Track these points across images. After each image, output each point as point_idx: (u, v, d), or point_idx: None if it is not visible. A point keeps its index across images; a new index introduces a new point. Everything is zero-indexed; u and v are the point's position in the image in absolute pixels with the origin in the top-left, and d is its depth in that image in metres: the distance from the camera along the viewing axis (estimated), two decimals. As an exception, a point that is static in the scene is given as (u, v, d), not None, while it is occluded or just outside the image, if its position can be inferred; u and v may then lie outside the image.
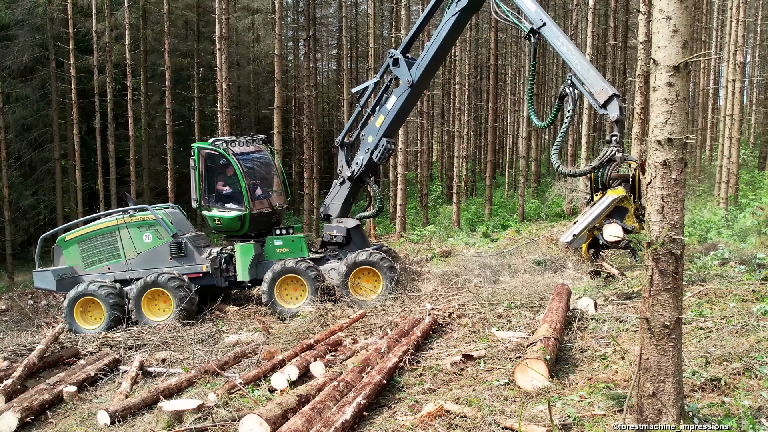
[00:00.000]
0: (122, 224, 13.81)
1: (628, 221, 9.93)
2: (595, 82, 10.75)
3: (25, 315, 15.49)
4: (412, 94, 13.37)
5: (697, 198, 25.61)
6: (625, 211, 10.00)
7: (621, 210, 9.98)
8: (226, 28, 22.89)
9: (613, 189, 10.18)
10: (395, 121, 13.55)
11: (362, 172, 13.83)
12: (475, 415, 5.77)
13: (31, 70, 30.40)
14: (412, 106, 14.07)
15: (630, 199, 10.07)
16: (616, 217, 9.90)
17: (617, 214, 9.97)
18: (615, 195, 9.92)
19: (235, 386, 7.55)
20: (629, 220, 9.95)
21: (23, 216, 29.69)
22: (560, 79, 43.88)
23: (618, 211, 9.98)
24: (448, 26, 12.75)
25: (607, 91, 10.59)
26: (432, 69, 13.51)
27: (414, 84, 13.15)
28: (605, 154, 10.57)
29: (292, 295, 13.10)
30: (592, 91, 10.76)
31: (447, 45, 13.24)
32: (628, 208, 10.03)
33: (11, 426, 7.34)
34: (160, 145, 30.98)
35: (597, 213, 9.80)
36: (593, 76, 10.80)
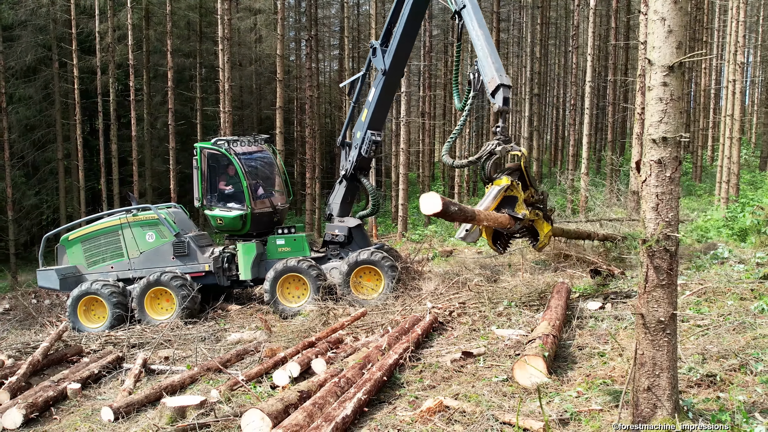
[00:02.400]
0: (125, 223, 13.90)
1: (518, 209, 10.01)
2: (488, 70, 10.92)
3: (29, 314, 15.59)
4: (386, 83, 13.47)
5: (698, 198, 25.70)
6: (515, 200, 10.11)
7: (511, 199, 10.09)
8: (228, 28, 22.97)
9: (497, 179, 10.28)
10: (377, 113, 13.61)
11: (355, 169, 13.95)
12: (473, 410, 5.85)
13: (34, 71, 30.54)
14: (390, 94, 14.04)
15: (518, 188, 10.15)
16: (507, 207, 9.99)
17: (508, 204, 10.07)
18: (499, 185, 10.02)
19: (237, 383, 7.63)
20: (519, 208, 10.04)
21: (26, 216, 29.83)
22: (562, 80, 44.02)
23: (508, 201, 10.08)
24: (407, 10, 12.89)
25: (495, 81, 10.75)
26: (400, 55, 13.49)
27: (387, 72, 13.28)
28: (485, 148, 10.79)
29: (294, 294, 13.18)
30: (484, 79, 10.93)
31: (410, 29, 13.26)
32: (518, 197, 10.12)
33: (16, 422, 7.44)
34: (162, 146, 31.10)
35: (485, 205, 9.89)
36: (488, 63, 10.96)
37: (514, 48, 42.00)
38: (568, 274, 12.85)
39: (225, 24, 22.81)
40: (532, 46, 30.26)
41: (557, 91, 45.76)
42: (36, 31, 29.71)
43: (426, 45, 31.69)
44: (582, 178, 23.55)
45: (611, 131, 31.97)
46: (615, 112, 31.80)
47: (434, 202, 6.80)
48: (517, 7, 39.04)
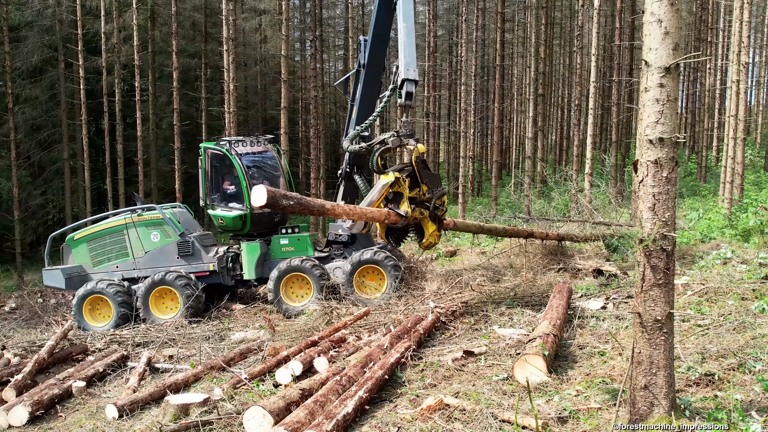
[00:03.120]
0: (130, 223, 13.99)
1: (402, 206, 10.01)
2: (402, 62, 11.02)
3: (35, 313, 15.71)
4: (366, 77, 13.57)
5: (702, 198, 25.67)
6: (401, 197, 10.11)
7: (398, 195, 10.10)
8: (233, 29, 23.06)
9: (385, 174, 10.30)
10: (362, 109, 13.68)
11: (351, 167, 14.03)
12: (473, 408, 5.91)
13: (40, 71, 30.67)
14: (372, 89, 13.99)
15: (405, 184, 10.13)
16: (394, 203, 10.00)
17: (395, 199, 10.09)
18: (385, 180, 10.04)
19: (240, 381, 7.70)
20: (404, 205, 10.03)
21: (32, 216, 29.97)
22: (567, 81, 43.99)
23: (396, 196, 10.10)
24: (376, 3, 12.98)
25: (402, 74, 10.82)
26: (376, 50, 13.55)
27: (365, 66, 13.36)
28: (379, 137, 10.85)
29: (297, 294, 13.24)
30: (399, 70, 11.01)
31: (381, 24, 13.30)
32: (403, 194, 10.12)
33: (22, 419, 7.52)
34: (168, 146, 31.21)
35: (370, 199, 9.92)
36: (402, 56, 11.05)
37: (518, 48, 42.01)
38: (570, 274, 12.91)
39: (230, 24, 22.88)
40: (536, 46, 30.20)
41: (562, 92, 45.73)
42: (42, 31, 29.85)
43: (430, 45, 31.76)
44: (586, 178, 23.56)
45: (616, 131, 31.90)
46: (619, 113, 31.74)
47: (260, 194, 6.86)
48: (522, 8, 39.07)
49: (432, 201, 10.48)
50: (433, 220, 10.58)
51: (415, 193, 10.35)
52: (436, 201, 10.59)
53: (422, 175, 10.47)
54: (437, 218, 10.69)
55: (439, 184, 11.00)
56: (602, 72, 37.77)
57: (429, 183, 10.60)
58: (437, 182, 10.96)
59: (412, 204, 10.19)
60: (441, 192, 10.80)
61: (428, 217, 10.48)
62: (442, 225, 10.94)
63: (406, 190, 10.07)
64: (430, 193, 10.55)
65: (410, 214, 9.97)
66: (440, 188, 10.90)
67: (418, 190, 10.41)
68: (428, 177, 10.67)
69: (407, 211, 9.89)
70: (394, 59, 14.03)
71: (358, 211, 8.74)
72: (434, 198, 10.52)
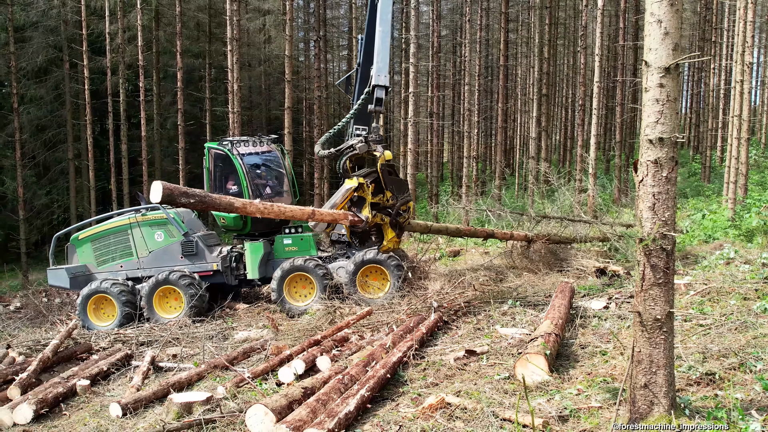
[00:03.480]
0: (134, 223, 14.05)
1: (364, 211, 10.07)
2: (374, 67, 11.02)
3: (40, 312, 15.78)
4: (362, 76, 13.54)
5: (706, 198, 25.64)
6: (363, 201, 10.19)
7: (361, 199, 10.18)
8: (237, 29, 23.12)
9: (349, 179, 10.36)
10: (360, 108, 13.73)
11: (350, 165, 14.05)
12: (474, 407, 5.93)
13: (45, 71, 30.80)
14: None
15: (368, 190, 10.19)
16: (357, 207, 10.10)
17: (359, 203, 10.18)
18: (348, 185, 10.12)
19: (243, 380, 7.74)
20: (365, 209, 10.10)
21: (37, 215, 30.09)
22: (571, 81, 43.97)
23: (360, 200, 10.18)
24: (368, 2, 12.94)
25: (373, 80, 10.86)
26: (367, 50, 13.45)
27: (360, 65, 13.37)
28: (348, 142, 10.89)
29: (300, 293, 13.29)
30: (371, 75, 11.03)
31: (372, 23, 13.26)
32: (366, 199, 10.18)
33: (27, 417, 7.57)
34: (172, 146, 31.29)
35: (333, 201, 10.01)
36: (376, 61, 11.06)
37: (522, 48, 42.01)
38: (573, 274, 12.91)
39: (234, 25, 22.94)
40: (540, 46, 30.21)
41: (566, 92, 45.70)
42: (47, 32, 29.95)
43: (434, 45, 31.77)
44: (590, 178, 23.55)
45: (620, 131, 31.91)
46: (623, 113, 31.76)
47: (157, 189, 6.88)
48: (526, 8, 39.06)
49: (395, 207, 10.56)
50: (393, 226, 10.67)
51: (378, 199, 10.45)
52: (400, 207, 10.67)
53: (387, 181, 10.56)
54: (398, 224, 10.78)
55: (405, 190, 11.09)
56: (606, 72, 37.74)
57: (394, 189, 10.70)
58: (403, 189, 11.04)
59: (374, 209, 10.29)
60: (405, 199, 10.87)
61: (389, 223, 10.55)
62: (402, 231, 11.03)
63: (369, 196, 10.17)
64: (394, 200, 10.63)
65: (371, 219, 10.06)
66: (406, 195, 10.97)
67: (382, 196, 10.49)
68: (394, 183, 10.75)
69: (368, 216, 9.98)
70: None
71: (276, 210, 8.73)
72: (398, 204, 10.60)
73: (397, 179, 10.86)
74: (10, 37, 26.20)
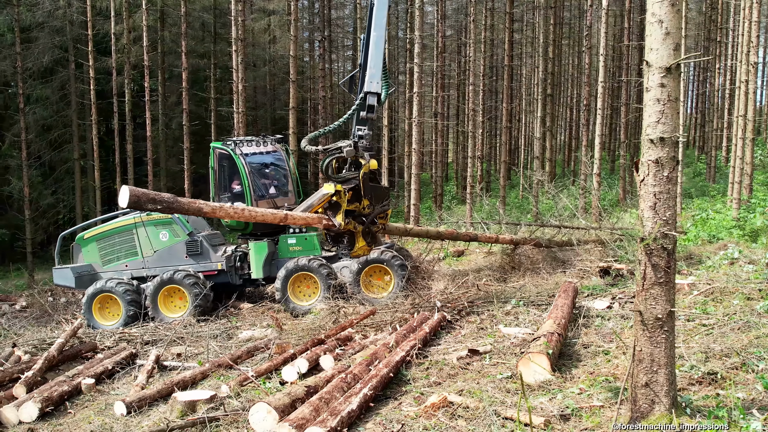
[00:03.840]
0: (139, 223, 14.10)
1: (338, 217, 10.09)
2: (367, 73, 10.94)
3: (45, 311, 15.85)
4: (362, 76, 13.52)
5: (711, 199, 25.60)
6: (338, 207, 10.19)
7: (336, 205, 10.18)
8: (242, 29, 23.19)
9: (327, 184, 10.36)
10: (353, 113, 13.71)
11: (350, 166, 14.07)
12: (477, 406, 5.96)
13: (51, 72, 30.92)
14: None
15: (344, 197, 10.18)
16: (332, 211, 10.13)
17: (333, 209, 10.19)
18: (325, 191, 10.14)
19: (247, 378, 7.77)
20: (339, 216, 10.11)
21: (43, 215, 30.21)
22: (576, 81, 43.91)
23: (334, 206, 10.18)
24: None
25: (365, 86, 10.80)
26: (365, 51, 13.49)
27: (361, 65, 13.32)
28: (337, 144, 10.85)
29: (305, 293, 13.31)
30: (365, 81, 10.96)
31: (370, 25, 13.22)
32: (341, 205, 10.17)
33: (32, 415, 7.62)
34: (177, 146, 31.38)
35: (309, 203, 10.07)
36: (369, 67, 10.97)
37: (527, 48, 41.97)
38: (577, 274, 12.92)
39: (239, 25, 23.02)
40: (545, 46, 30.21)
41: (571, 92, 45.66)
42: (53, 32, 30.08)
43: (439, 45, 31.79)
44: (594, 178, 23.55)
45: (625, 132, 31.88)
46: (628, 113, 31.72)
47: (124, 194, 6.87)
48: (531, 8, 39.03)
49: (370, 216, 10.54)
50: (365, 235, 10.66)
51: (354, 207, 10.44)
52: (376, 216, 10.66)
53: (366, 189, 10.55)
54: (370, 233, 10.76)
55: (385, 199, 11.06)
56: (611, 72, 37.68)
57: (373, 198, 10.67)
58: (383, 197, 11.01)
59: (348, 217, 10.30)
60: (383, 209, 10.85)
61: (360, 231, 10.55)
62: (374, 240, 11.02)
63: (345, 203, 10.19)
64: (371, 208, 10.61)
65: (343, 226, 10.08)
66: (384, 204, 10.94)
67: (359, 204, 10.47)
68: (374, 192, 10.72)
69: (340, 223, 9.99)
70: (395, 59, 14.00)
71: (246, 214, 8.75)
72: (374, 213, 10.59)
73: (377, 187, 10.84)
74: (17, 38, 26.34)
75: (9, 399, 8.21)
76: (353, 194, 10.33)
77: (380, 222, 10.81)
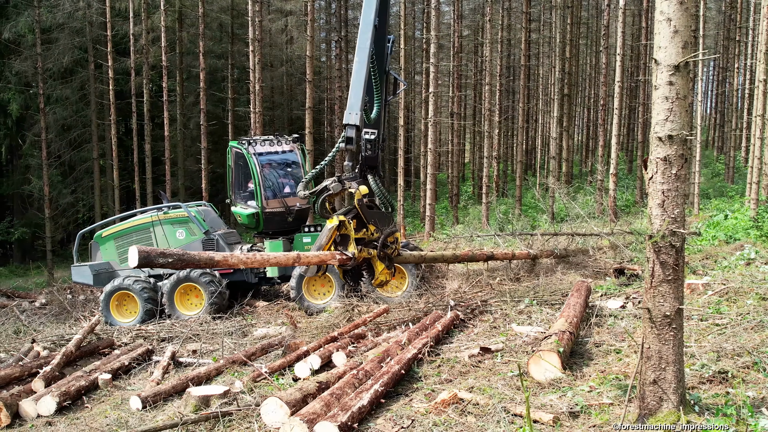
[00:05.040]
0: (156, 221, 14.26)
1: (350, 248, 9.99)
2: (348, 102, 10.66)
3: (64, 308, 16.07)
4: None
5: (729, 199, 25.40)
6: (348, 238, 10.08)
7: (345, 237, 10.08)
8: (259, 30, 23.33)
9: (330, 218, 10.26)
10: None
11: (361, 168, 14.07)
12: (486, 402, 5.99)
13: (71, 72, 31.30)
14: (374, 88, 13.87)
15: (350, 226, 10.05)
16: (342, 245, 10.01)
17: (343, 242, 10.09)
18: (330, 225, 10.03)
19: (260, 375, 7.85)
20: (351, 246, 10.00)
21: (62, 214, 30.60)
22: (593, 81, 43.72)
23: (344, 238, 10.09)
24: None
25: (344, 118, 10.60)
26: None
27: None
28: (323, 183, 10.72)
29: (319, 291, 13.40)
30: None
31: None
32: (350, 235, 10.06)
33: (50, 409, 7.75)
34: (195, 145, 31.66)
35: (319, 243, 9.98)
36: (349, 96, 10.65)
37: (544, 48, 41.87)
38: (592, 274, 12.90)
39: (256, 26, 23.16)
40: (562, 46, 30.12)
41: (589, 92, 45.49)
42: (73, 33, 30.44)
43: (455, 45, 31.79)
44: (611, 178, 23.45)
45: (642, 131, 31.74)
46: (645, 112, 31.56)
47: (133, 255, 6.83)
48: (548, 8, 38.93)
49: (380, 240, 10.46)
50: (382, 259, 10.58)
51: (363, 234, 10.35)
52: (386, 239, 10.59)
53: (367, 215, 10.44)
54: (387, 256, 10.67)
55: (390, 222, 10.92)
56: (629, 72, 37.50)
57: (377, 222, 10.56)
58: (388, 221, 10.88)
59: (360, 245, 10.23)
60: (391, 230, 10.72)
61: (376, 256, 10.49)
62: (392, 263, 10.92)
63: (352, 232, 10.10)
64: (379, 232, 10.53)
65: (357, 254, 10.01)
66: (391, 226, 10.81)
67: (366, 230, 10.41)
68: (376, 216, 10.59)
69: (354, 252, 9.94)
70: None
71: (259, 259, 8.67)
72: (383, 237, 10.50)
73: (378, 212, 10.74)
74: (37, 39, 26.69)
75: (28, 393, 8.35)
76: (357, 223, 10.30)
77: (392, 245, 10.78)
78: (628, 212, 25.47)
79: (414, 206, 38.46)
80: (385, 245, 10.56)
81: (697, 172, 25.08)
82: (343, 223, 10.00)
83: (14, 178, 33.72)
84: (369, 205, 10.69)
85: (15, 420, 7.70)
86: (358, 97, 10.61)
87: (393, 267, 10.94)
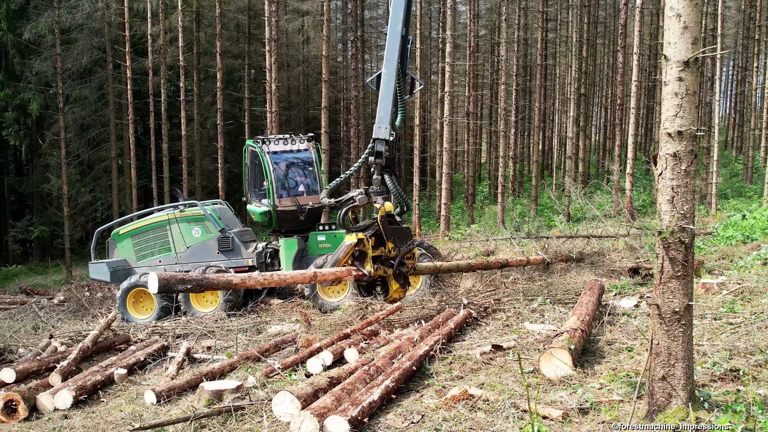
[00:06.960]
0: (173, 219, 14.39)
1: (366, 266, 9.92)
2: (377, 117, 10.54)
3: (82, 305, 16.23)
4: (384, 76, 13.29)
5: (747, 200, 25.19)
6: (365, 255, 10.01)
7: (362, 254, 10.02)
8: (275, 30, 23.46)
9: (349, 234, 10.19)
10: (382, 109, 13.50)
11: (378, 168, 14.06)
12: (496, 398, 6.02)
13: (89, 72, 31.63)
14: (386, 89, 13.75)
15: (369, 244, 9.97)
16: (359, 261, 9.95)
17: (360, 258, 10.02)
18: (348, 241, 9.96)
19: (273, 370, 7.92)
20: (368, 264, 9.93)
21: (81, 212, 30.93)
22: (611, 80, 43.47)
23: (361, 255, 10.02)
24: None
25: (374, 132, 10.49)
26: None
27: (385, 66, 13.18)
28: (350, 194, 10.62)
29: (333, 289, 13.45)
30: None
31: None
32: (367, 253, 9.98)
33: (67, 403, 7.87)
34: (211, 145, 31.85)
35: (336, 258, 9.93)
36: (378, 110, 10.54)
37: (561, 47, 41.70)
38: (606, 273, 12.85)
39: (272, 26, 23.29)
40: (578, 45, 30.02)
41: (606, 91, 45.23)
42: (91, 34, 30.75)
43: (471, 45, 31.75)
44: (627, 178, 23.33)
45: (659, 131, 31.56)
46: (663, 112, 31.37)
47: (153, 281, 6.85)
48: (565, 7, 38.78)
49: (398, 258, 10.42)
50: (397, 277, 10.55)
51: (380, 252, 10.33)
52: (403, 257, 10.54)
53: (387, 233, 10.39)
54: (402, 275, 10.62)
55: (408, 238, 10.84)
56: (647, 71, 37.26)
57: (396, 240, 10.51)
58: (406, 237, 10.80)
59: (376, 263, 10.21)
60: (409, 248, 10.65)
61: (392, 275, 10.45)
62: (407, 281, 10.87)
63: (370, 250, 10.07)
64: (396, 250, 10.48)
65: (373, 273, 10.00)
66: (409, 243, 10.74)
67: (384, 248, 10.38)
68: (395, 233, 10.53)
69: (370, 271, 9.92)
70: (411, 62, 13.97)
71: (276, 279, 8.68)
72: (401, 254, 10.45)
73: (398, 229, 10.69)
74: (57, 39, 26.99)
75: (45, 387, 8.46)
76: (376, 239, 10.26)
77: (409, 262, 10.75)
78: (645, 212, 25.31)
79: (429, 206, 38.46)
80: (402, 263, 10.55)
81: (715, 172, 24.90)
82: (362, 240, 10.02)
83: (34, 177, 34.16)
84: (390, 221, 10.67)
85: (32, 413, 7.81)
86: (387, 110, 10.51)
87: (408, 284, 10.92)
